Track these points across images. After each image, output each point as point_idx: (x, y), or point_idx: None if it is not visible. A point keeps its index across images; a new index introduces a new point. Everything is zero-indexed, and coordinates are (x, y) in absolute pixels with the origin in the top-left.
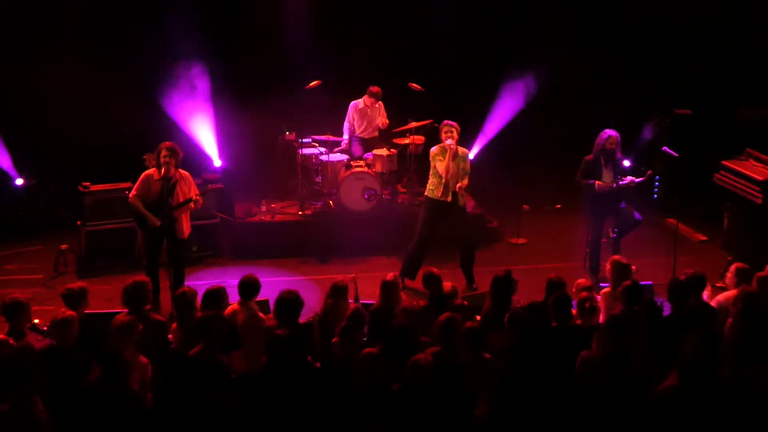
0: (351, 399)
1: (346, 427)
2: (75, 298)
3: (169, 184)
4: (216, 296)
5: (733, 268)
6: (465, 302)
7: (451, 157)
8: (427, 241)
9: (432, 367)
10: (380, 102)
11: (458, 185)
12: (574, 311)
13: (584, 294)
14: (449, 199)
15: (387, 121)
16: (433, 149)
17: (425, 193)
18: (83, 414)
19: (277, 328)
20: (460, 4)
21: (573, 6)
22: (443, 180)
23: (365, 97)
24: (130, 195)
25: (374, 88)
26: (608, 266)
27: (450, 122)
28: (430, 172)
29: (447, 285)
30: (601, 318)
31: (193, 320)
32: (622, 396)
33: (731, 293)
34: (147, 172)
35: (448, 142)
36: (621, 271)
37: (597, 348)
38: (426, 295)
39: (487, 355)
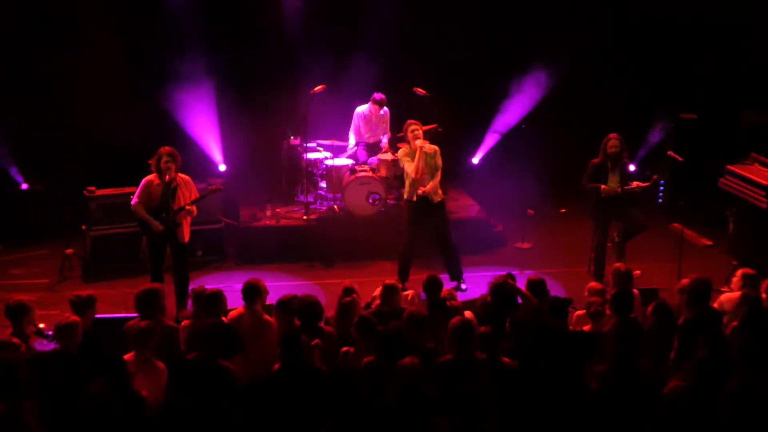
0: (357, 405)
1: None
2: (82, 306)
3: (170, 189)
4: (214, 300)
5: (739, 273)
6: (458, 305)
7: (421, 157)
8: (411, 243)
9: (419, 370)
10: (386, 109)
11: (422, 189)
12: (582, 313)
13: (594, 299)
14: (414, 198)
15: (388, 146)
16: (400, 151)
17: (404, 197)
18: (87, 420)
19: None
20: (464, 9)
21: (577, 9)
22: (414, 179)
23: (370, 105)
24: (133, 202)
25: (378, 96)
26: (610, 276)
27: (414, 121)
28: (404, 175)
29: (444, 290)
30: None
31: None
32: (631, 400)
33: (733, 295)
34: (147, 177)
35: (418, 142)
36: (622, 278)
37: (605, 354)
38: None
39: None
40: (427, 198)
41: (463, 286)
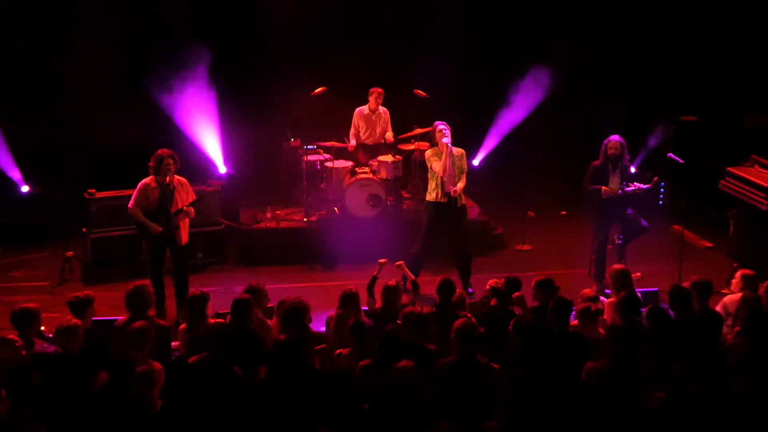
0: (354, 407)
1: None
2: (80, 306)
3: (168, 191)
4: (242, 306)
5: (738, 274)
6: (469, 314)
7: (448, 156)
8: (429, 245)
9: (415, 373)
10: (385, 109)
11: (453, 189)
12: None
13: (587, 304)
14: (444, 198)
15: (392, 138)
16: (428, 152)
17: (426, 198)
18: (89, 421)
19: (281, 333)
20: (464, 9)
21: (576, 9)
22: (440, 180)
23: (369, 101)
24: (130, 205)
25: (376, 89)
26: (608, 276)
27: (442, 123)
28: (429, 176)
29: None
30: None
31: (203, 327)
32: (628, 404)
33: (737, 296)
34: (144, 181)
35: (445, 140)
36: (621, 279)
37: (602, 357)
38: (432, 302)
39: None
40: (451, 201)
41: (470, 290)
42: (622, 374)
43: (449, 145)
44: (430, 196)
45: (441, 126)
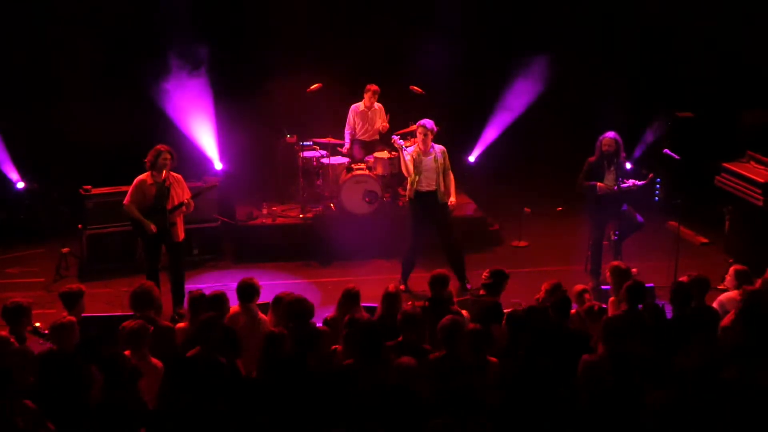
0: (351, 404)
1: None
2: (70, 299)
3: (164, 188)
4: (218, 301)
5: (731, 270)
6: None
7: (402, 158)
8: (417, 243)
9: (414, 370)
10: (380, 104)
11: (450, 200)
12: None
13: (590, 303)
14: (412, 195)
15: (387, 125)
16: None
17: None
18: (86, 418)
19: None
20: (462, 5)
21: (575, 7)
22: (412, 178)
23: (365, 98)
24: (125, 202)
25: (371, 86)
26: (608, 273)
27: (421, 122)
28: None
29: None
30: None
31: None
32: (623, 399)
33: (733, 294)
34: (140, 177)
35: (399, 142)
36: (621, 276)
37: (598, 351)
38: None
39: (491, 358)
40: (432, 196)
41: (468, 286)
42: (617, 367)
43: (400, 144)
44: (408, 193)
45: (420, 127)
